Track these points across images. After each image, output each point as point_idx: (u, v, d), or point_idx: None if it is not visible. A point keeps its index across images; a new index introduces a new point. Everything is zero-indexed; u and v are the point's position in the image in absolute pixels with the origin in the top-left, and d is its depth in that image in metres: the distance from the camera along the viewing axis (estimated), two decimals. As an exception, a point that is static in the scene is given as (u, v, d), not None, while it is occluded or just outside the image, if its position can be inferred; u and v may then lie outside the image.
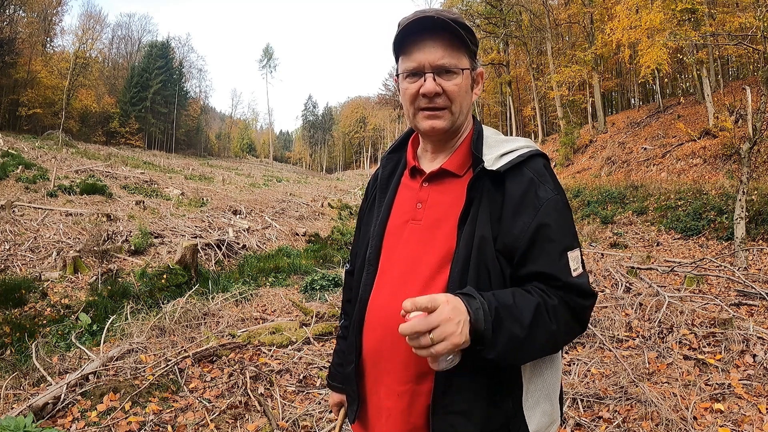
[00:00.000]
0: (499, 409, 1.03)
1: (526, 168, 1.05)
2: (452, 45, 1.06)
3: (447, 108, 1.08)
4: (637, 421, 3.00)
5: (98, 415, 3.14)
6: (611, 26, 20.95)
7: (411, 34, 1.06)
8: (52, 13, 44.63)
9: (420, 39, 1.06)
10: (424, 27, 1.05)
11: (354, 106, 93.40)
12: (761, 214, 9.84)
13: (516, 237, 1.00)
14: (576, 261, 1.03)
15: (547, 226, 1.00)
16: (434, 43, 1.05)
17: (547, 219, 1.01)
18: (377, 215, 1.20)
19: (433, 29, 1.05)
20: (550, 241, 1.00)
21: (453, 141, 1.15)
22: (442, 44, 1.05)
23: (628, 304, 5.29)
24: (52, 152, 21.35)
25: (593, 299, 1.05)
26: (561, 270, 1.00)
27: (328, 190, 27.25)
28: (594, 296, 1.05)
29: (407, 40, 1.07)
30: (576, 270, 1.02)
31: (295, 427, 3.11)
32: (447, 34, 1.05)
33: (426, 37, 1.05)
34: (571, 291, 1.00)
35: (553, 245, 1.01)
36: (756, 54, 14.39)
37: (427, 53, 1.05)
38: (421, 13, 1.05)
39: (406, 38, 1.07)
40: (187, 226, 11.34)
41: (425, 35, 1.05)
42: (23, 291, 6.70)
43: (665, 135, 19.94)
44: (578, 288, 1.01)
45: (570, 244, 1.03)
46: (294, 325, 4.98)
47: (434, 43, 1.05)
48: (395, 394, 1.08)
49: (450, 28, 1.03)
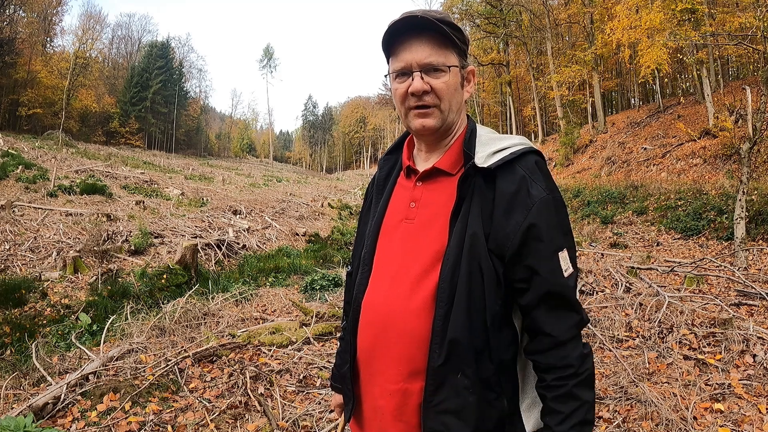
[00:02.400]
0: (494, 408, 1.03)
1: (518, 165, 1.04)
2: (439, 43, 1.06)
3: (436, 106, 1.09)
4: (637, 421, 3.00)
5: (98, 415, 3.14)
6: (611, 26, 20.94)
7: (398, 35, 1.07)
8: (52, 13, 44.65)
9: (407, 39, 1.07)
10: (410, 27, 1.06)
11: (354, 106, 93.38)
12: (761, 214, 9.84)
13: (507, 236, 1.01)
14: (566, 261, 1.03)
15: (539, 226, 1.00)
16: (420, 43, 1.06)
17: (539, 219, 1.00)
18: (373, 216, 1.21)
19: (419, 29, 1.05)
20: (541, 240, 1.00)
21: (446, 140, 1.16)
22: (429, 43, 1.06)
23: (628, 304, 5.29)
24: (52, 152, 21.34)
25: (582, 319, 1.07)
26: (552, 271, 1.01)
27: (328, 190, 27.24)
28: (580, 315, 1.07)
29: (394, 40, 1.08)
30: (567, 270, 1.03)
31: (295, 427, 3.11)
32: (433, 33, 1.05)
33: (412, 36, 1.06)
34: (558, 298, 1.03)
35: (544, 245, 1.01)
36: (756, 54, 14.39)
37: (414, 52, 1.06)
38: (408, 14, 1.06)
39: (394, 39, 1.08)
40: (187, 226, 11.33)
41: (411, 35, 1.06)
42: (23, 291, 6.69)
43: (665, 135, 19.94)
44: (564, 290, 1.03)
45: (561, 244, 1.03)
46: (294, 325, 4.98)
47: (420, 43, 1.06)
48: (388, 393, 1.09)
49: (435, 27, 1.04)
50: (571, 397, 1.01)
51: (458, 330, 1.00)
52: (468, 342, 1.01)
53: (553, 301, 1.02)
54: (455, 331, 1.00)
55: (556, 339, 1.01)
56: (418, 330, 1.04)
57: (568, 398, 1.01)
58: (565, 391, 1.01)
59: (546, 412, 1.03)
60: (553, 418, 1.01)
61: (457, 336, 1.00)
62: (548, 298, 1.01)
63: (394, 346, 1.07)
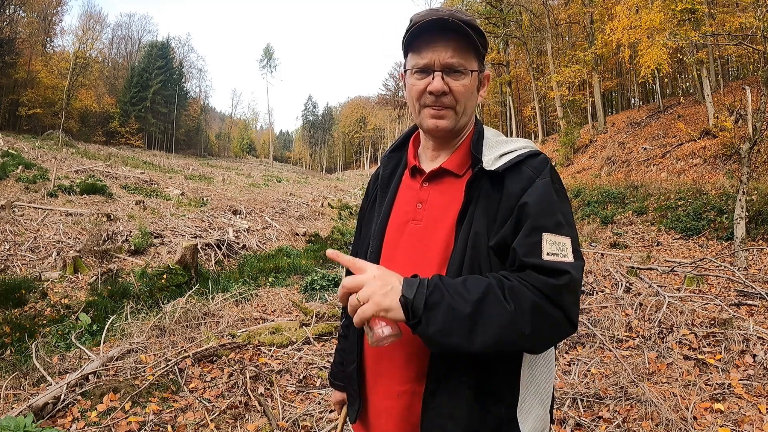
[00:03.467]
0: (491, 414, 1.02)
1: (525, 166, 1.04)
2: (463, 46, 1.06)
3: (452, 108, 1.09)
4: (637, 421, 3.00)
5: (98, 415, 3.14)
6: (611, 26, 20.94)
7: (423, 33, 1.07)
8: (52, 13, 44.65)
9: (431, 38, 1.07)
10: (437, 27, 1.05)
11: (354, 106, 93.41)
12: (761, 214, 9.83)
13: (505, 219, 1.00)
14: (554, 245, 0.95)
15: (527, 204, 0.98)
16: (446, 44, 1.06)
17: (529, 198, 0.99)
18: (378, 215, 1.20)
19: (445, 29, 1.05)
20: (527, 216, 0.97)
21: (454, 141, 1.16)
22: (454, 45, 1.06)
23: (628, 304, 5.29)
24: (52, 152, 21.34)
25: (567, 277, 0.93)
26: (528, 247, 0.95)
27: (328, 190, 27.24)
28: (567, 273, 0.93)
29: (419, 37, 1.08)
30: (552, 255, 0.94)
31: (295, 427, 3.11)
32: (459, 36, 1.05)
33: (438, 36, 1.06)
34: (534, 270, 0.93)
35: (528, 222, 0.97)
36: (756, 54, 14.39)
37: (438, 52, 1.06)
38: (435, 13, 1.05)
39: (418, 35, 1.08)
40: (187, 226, 11.33)
41: (437, 35, 1.06)
42: (23, 291, 6.69)
43: (665, 135, 19.93)
44: (541, 267, 0.93)
45: (546, 225, 0.96)
46: (294, 325, 4.99)
47: (446, 44, 1.06)
48: (394, 395, 1.09)
49: (462, 31, 1.04)
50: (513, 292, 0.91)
51: None
52: None
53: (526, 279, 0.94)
54: None
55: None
56: None
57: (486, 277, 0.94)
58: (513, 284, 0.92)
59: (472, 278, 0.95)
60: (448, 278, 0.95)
61: None
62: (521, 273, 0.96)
63: (402, 348, 1.06)
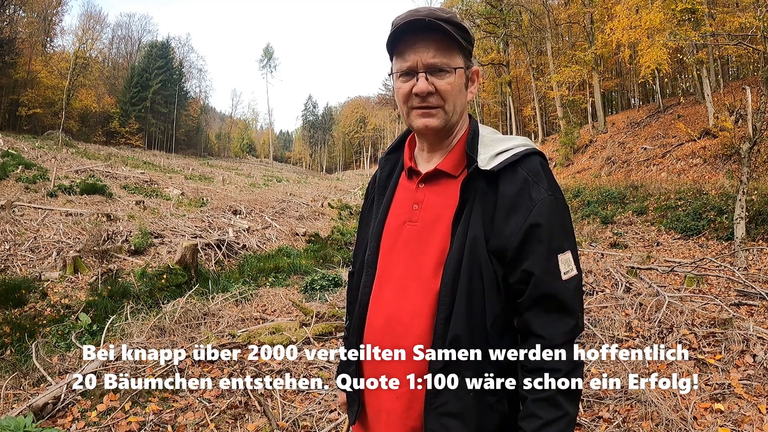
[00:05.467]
0: (495, 412, 1.03)
1: (520, 167, 1.04)
2: (445, 44, 1.06)
3: (440, 107, 1.08)
4: (637, 421, 3.01)
5: (98, 415, 3.14)
6: (611, 26, 20.94)
7: (403, 34, 1.06)
8: (52, 13, 44.60)
9: (412, 39, 1.06)
10: (416, 28, 1.04)
11: (354, 106, 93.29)
12: (761, 214, 9.83)
13: (508, 238, 1.00)
14: (567, 264, 1.01)
15: (539, 226, 0.99)
16: (426, 43, 1.05)
17: (539, 219, 1.00)
18: (375, 217, 1.21)
19: (425, 29, 1.04)
20: (540, 241, 0.99)
21: (448, 140, 1.15)
22: (435, 44, 1.05)
23: (628, 304, 5.29)
24: (52, 152, 21.33)
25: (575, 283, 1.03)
26: (549, 272, 0.99)
27: (328, 190, 27.23)
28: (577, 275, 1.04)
29: (400, 40, 1.07)
30: (567, 273, 1.00)
31: (295, 427, 3.11)
32: (439, 35, 1.04)
33: (418, 37, 1.05)
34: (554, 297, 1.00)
35: (543, 246, 0.99)
36: (756, 54, 14.39)
37: (419, 53, 1.05)
38: (414, 14, 1.04)
39: (399, 38, 1.07)
40: (187, 226, 11.33)
41: (417, 35, 1.05)
42: (23, 291, 6.69)
43: (665, 135, 19.93)
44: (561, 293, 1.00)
45: (561, 245, 1.01)
46: (294, 325, 4.99)
47: (426, 43, 1.05)
48: (394, 396, 1.09)
49: (441, 29, 1.03)
50: (553, 404, 0.96)
51: (459, 333, 1.01)
52: (468, 345, 1.01)
53: (547, 303, 1.00)
54: (455, 334, 1.01)
55: (547, 342, 0.99)
56: (424, 333, 1.05)
57: (550, 404, 0.96)
58: (548, 395, 0.97)
59: (524, 415, 0.99)
60: (530, 423, 0.97)
61: (458, 339, 1.01)
62: (543, 299, 1.00)
63: (401, 347, 1.07)
